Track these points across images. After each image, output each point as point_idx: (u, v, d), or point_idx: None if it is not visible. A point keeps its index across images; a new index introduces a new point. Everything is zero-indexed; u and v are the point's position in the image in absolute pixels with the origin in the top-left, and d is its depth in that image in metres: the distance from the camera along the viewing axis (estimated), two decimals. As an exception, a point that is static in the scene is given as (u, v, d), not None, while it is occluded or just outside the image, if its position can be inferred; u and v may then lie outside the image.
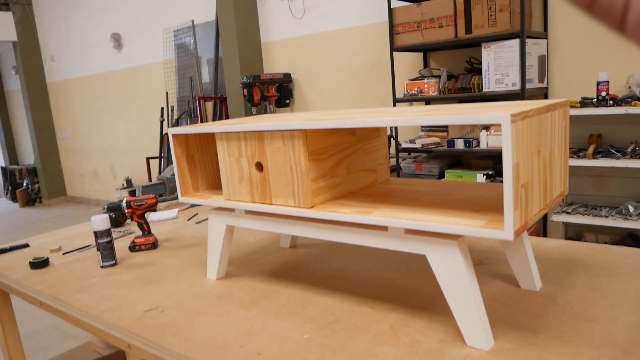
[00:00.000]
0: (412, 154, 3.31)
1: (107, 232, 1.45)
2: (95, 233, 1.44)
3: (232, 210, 1.21)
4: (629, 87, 2.51)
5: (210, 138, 1.35)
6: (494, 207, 0.90)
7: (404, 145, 3.00)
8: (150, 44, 5.36)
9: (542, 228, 3.07)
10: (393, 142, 3.34)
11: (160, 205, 2.24)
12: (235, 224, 1.20)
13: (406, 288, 1.13)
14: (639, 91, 2.43)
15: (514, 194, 0.73)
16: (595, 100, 2.57)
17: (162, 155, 4.85)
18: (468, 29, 2.69)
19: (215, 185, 1.37)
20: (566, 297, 1.01)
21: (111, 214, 1.93)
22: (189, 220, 2.00)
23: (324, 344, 0.91)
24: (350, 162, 1.12)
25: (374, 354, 0.86)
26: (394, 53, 3.50)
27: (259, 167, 1.09)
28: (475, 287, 0.84)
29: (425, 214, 0.88)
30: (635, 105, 2.39)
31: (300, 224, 1.06)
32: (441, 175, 3.04)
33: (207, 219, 1.97)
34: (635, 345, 0.82)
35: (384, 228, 0.92)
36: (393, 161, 3.30)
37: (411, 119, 0.81)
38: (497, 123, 0.73)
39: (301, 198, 1.02)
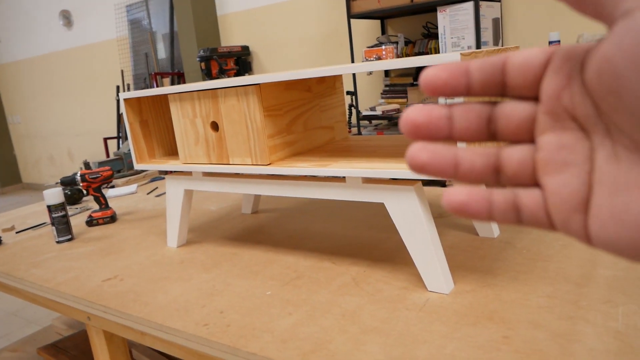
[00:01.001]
0: (373, 121, 3.32)
1: (62, 206, 1.40)
2: (49, 207, 1.39)
3: (189, 173, 1.18)
4: (581, 47, 2.56)
5: (164, 103, 1.31)
6: (449, 154, 0.90)
7: (364, 113, 3.00)
8: (102, 20, 5.17)
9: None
10: (354, 111, 3.34)
11: (118, 181, 2.19)
12: (193, 187, 1.18)
13: (368, 243, 1.13)
14: (590, 50, 2.49)
15: (467, 134, 0.74)
16: (549, 60, 2.62)
17: (120, 134, 4.72)
18: (424, -7, 2.68)
19: (171, 151, 1.33)
20: (522, 241, 1.03)
21: (66, 190, 1.87)
22: (148, 194, 1.95)
23: (286, 298, 0.91)
24: (307, 119, 1.11)
25: (337, 304, 0.86)
26: (352, 20, 3.47)
27: (214, 126, 1.07)
28: (433, 232, 0.84)
29: (382, 163, 0.88)
30: (586, 64, 2.45)
31: (258, 182, 1.04)
32: (403, 142, 3.05)
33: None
34: (587, 279, 0.84)
35: (341, 179, 0.92)
36: (355, 130, 3.30)
37: (360, 66, 0.80)
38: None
39: (258, 155, 1.00)
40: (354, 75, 3.06)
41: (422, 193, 0.84)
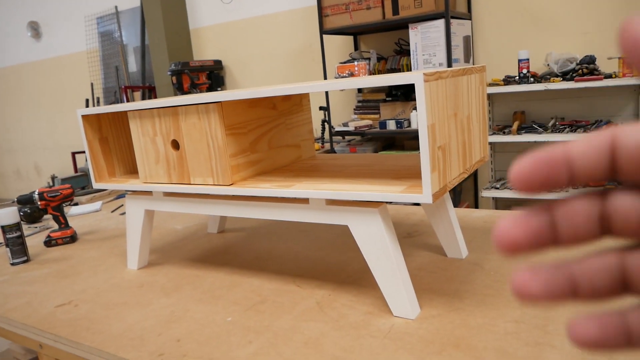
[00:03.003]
0: (346, 137, 3.31)
1: (17, 226, 1.33)
2: (3, 228, 1.32)
3: (149, 193, 1.14)
4: (548, 65, 2.61)
5: (125, 120, 1.26)
6: (415, 175, 0.88)
7: (337, 129, 2.99)
8: (71, 32, 5.07)
9: (473, 204, 3.16)
10: (327, 126, 3.33)
11: (82, 198, 2.12)
12: (153, 207, 1.13)
13: (335, 264, 1.11)
14: (557, 68, 2.53)
15: (431, 155, 0.72)
16: (517, 77, 2.65)
17: (89, 149, 4.61)
18: (395, 10, 2.70)
19: (133, 169, 1.29)
20: (491, 262, 1.02)
21: (26, 209, 1.80)
22: (112, 212, 1.89)
23: (247, 325, 0.87)
24: (272, 137, 1.08)
25: (300, 330, 0.83)
26: (324, 36, 3.48)
27: (175, 145, 1.03)
28: (398, 255, 0.82)
29: (347, 184, 0.86)
30: (553, 82, 2.49)
31: (220, 203, 1.01)
32: (375, 158, 3.05)
33: (132, 210, 1.87)
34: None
35: (305, 200, 0.89)
36: (327, 145, 3.29)
37: (324, 84, 0.78)
38: (411, 83, 0.71)
39: (220, 175, 0.97)
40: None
41: (386, 215, 0.82)
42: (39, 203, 1.47)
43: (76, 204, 2.10)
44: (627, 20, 0.19)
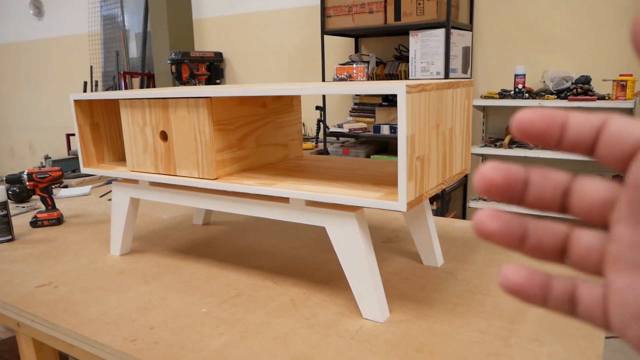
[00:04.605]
0: (340, 138, 3.33)
1: (3, 205, 1.35)
2: (-11, 205, 1.34)
3: (135, 181, 1.16)
4: (544, 82, 2.64)
5: (117, 107, 1.28)
6: (396, 182, 0.91)
7: (332, 129, 3.01)
8: (74, 13, 5.07)
9: (461, 214, 3.19)
10: (322, 126, 3.34)
11: (72, 181, 2.13)
12: (139, 196, 1.15)
13: (313, 263, 1.13)
14: (552, 86, 2.56)
15: (408, 165, 0.74)
16: (512, 92, 2.68)
17: (84, 132, 4.60)
18: (397, 16, 2.72)
19: (122, 157, 1.30)
20: (465, 272, 1.04)
21: (14, 188, 1.81)
22: (101, 197, 1.91)
23: (221, 317, 0.89)
24: (260, 135, 1.10)
25: (271, 326, 0.85)
26: (326, 37, 3.49)
27: (164, 136, 1.05)
28: (371, 259, 0.84)
29: (328, 186, 0.88)
30: (547, 99, 2.52)
31: (203, 196, 1.03)
32: (368, 161, 3.07)
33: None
34: (520, 315, 0.85)
35: (285, 200, 0.91)
36: (321, 145, 3.31)
37: (312, 88, 0.80)
38: (393, 93, 0.73)
39: (205, 169, 0.98)
40: (324, 90, 3.07)
41: (363, 220, 0.84)
42: (27, 183, 1.48)
43: (66, 187, 2.11)
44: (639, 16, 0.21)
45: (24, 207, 1.76)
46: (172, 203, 1.12)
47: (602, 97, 2.41)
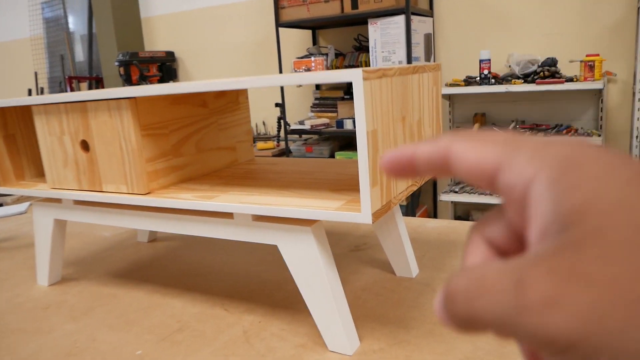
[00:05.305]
0: (302, 136, 3.19)
1: None
2: None
3: (58, 200, 0.99)
4: (509, 66, 2.55)
5: (36, 114, 1.11)
6: (359, 186, 0.77)
7: (293, 127, 2.87)
8: (14, 17, 4.76)
9: (432, 208, 3.10)
10: (282, 123, 3.20)
11: (7, 199, 1.92)
12: (63, 217, 0.98)
13: (270, 283, 0.98)
14: (518, 70, 2.48)
15: (371, 167, 0.61)
16: (478, 78, 2.59)
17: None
18: (354, 4, 2.59)
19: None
20: (442, 282, 0.92)
21: None
22: (38, 214, 1.71)
23: (159, 360, 0.74)
24: (201, 138, 0.95)
25: (219, 369, 0.71)
26: (281, 29, 3.34)
27: (85, 146, 0.88)
28: (335, 281, 0.71)
29: (279, 196, 0.74)
30: (514, 83, 2.43)
31: (135, 215, 0.87)
32: (332, 157, 2.95)
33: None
34: (510, 335, 0.73)
35: (229, 215, 0.76)
36: (283, 144, 3.16)
37: (256, 80, 0.66)
38: (348, 81, 0.59)
39: (134, 183, 0.83)
40: (281, 86, 2.92)
41: (321, 234, 0.70)
42: (-58, 206, 1.29)
43: (0, 205, 1.91)
44: None
45: (-54, 232, 1.56)
46: (100, 224, 0.97)
47: (570, 79, 2.33)
